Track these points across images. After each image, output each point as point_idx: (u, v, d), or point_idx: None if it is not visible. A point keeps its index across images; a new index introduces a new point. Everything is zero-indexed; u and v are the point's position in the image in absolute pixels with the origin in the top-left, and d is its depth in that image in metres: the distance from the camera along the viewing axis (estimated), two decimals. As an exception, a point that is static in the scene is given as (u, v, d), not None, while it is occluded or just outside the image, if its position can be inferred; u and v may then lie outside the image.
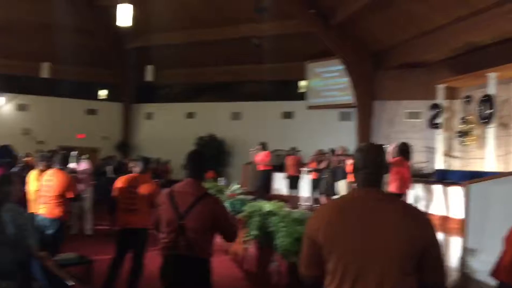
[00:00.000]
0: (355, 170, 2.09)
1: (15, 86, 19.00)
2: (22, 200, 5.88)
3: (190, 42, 17.04)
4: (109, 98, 20.51)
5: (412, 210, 2.00)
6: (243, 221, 6.66)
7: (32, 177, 6.53)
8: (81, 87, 19.86)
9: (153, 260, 3.46)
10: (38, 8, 15.86)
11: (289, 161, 12.29)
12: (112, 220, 9.40)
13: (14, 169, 6.59)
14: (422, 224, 1.91)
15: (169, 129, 19.02)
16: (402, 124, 13.82)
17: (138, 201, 5.19)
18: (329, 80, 16.00)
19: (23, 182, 6.25)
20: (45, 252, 4.30)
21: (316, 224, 2.00)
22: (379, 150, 2.15)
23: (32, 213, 5.75)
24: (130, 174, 5.57)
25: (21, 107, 19.13)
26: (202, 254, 3.19)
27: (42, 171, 6.23)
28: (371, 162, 2.05)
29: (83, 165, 9.85)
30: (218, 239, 8.56)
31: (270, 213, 5.55)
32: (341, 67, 14.74)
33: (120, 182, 5.46)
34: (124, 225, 5.28)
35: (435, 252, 1.90)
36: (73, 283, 3.41)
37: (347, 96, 15.03)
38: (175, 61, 18.42)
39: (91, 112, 19.97)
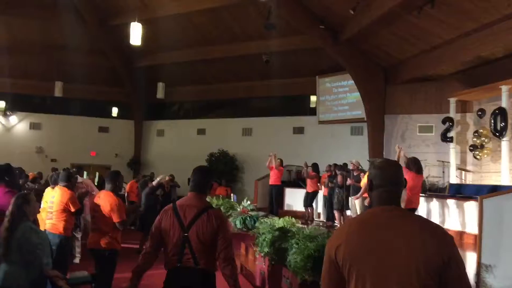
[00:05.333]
0: (371, 188, 2.04)
1: (28, 105, 19.35)
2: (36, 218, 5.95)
3: (199, 60, 17.20)
4: (121, 115, 20.70)
5: (431, 226, 1.93)
6: (254, 238, 6.62)
7: (45, 195, 6.63)
8: (93, 105, 20.14)
9: (156, 274, 3.44)
10: (51, 29, 16.18)
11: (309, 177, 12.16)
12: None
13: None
14: (440, 240, 1.84)
15: (180, 145, 19.10)
16: (414, 138, 13.73)
17: (101, 219, 5.02)
18: (340, 95, 15.99)
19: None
20: (57, 271, 4.31)
21: (335, 244, 1.96)
22: (396, 167, 2.10)
23: (45, 231, 5.80)
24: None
25: (34, 126, 19.38)
26: (207, 266, 3.21)
27: (52, 188, 6.34)
28: (389, 179, 2.01)
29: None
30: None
31: (282, 230, 5.50)
32: (351, 81, 14.74)
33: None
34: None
35: (457, 268, 1.82)
36: None
37: (358, 111, 15.00)
38: (185, 78, 18.60)
39: (103, 129, 20.16)
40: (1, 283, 4.13)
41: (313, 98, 16.94)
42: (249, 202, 10.09)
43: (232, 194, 13.54)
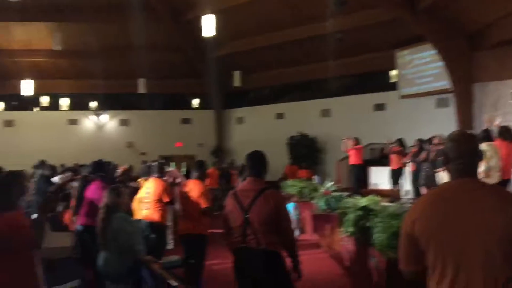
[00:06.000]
0: (448, 161, 2.05)
1: (117, 103, 20.62)
2: (130, 209, 6.37)
3: (272, 44, 17.16)
4: (201, 106, 21.38)
5: (508, 195, 1.92)
6: (339, 218, 6.58)
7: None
8: (175, 98, 21.09)
9: (227, 255, 3.74)
10: (131, 30, 16.96)
11: (392, 154, 11.81)
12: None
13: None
14: None
15: (260, 131, 19.30)
16: (508, 106, 12.75)
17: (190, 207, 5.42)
18: (422, 67, 15.22)
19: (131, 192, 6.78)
20: (151, 256, 4.60)
21: (411, 218, 1.98)
22: (472, 138, 2.12)
23: (139, 220, 6.18)
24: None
25: (123, 122, 20.63)
26: (269, 247, 3.39)
27: (146, 180, 6.74)
28: (465, 152, 2.01)
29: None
30: (314, 236, 8.51)
31: (365, 209, 5.42)
32: (433, 51, 13.95)
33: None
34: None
35: None
36: (176, 284, 3.62)
37: (443, 82, 14.19)
38: (260, 64, 18.69)
39: (186, 121, 20.93)
40: (102, 269, 4.50)
41: (393, 73, 16.31)
42: (331, 183, 10.03)
43: (314, 176, 13.52)
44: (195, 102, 21.53)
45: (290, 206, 9.24)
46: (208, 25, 12.10)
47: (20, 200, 3.84)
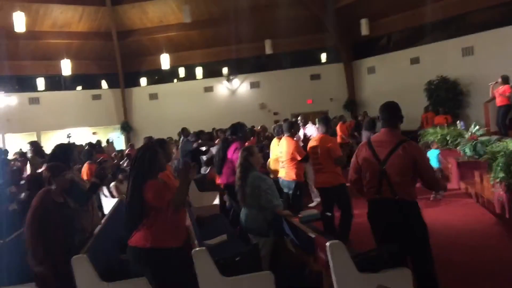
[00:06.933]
0: None
1: (246, 66, 21.20)
2: (263, 167, 6.61)
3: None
4: (329, 60, 20.96)
5: None
6: (487, 164, 6.07)
7: (272, 146, 7.33)
8: (302, 55, 20.92)
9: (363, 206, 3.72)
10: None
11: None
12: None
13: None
14: None
15: (393, 79, 18.35)
16: None
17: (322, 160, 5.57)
18: None
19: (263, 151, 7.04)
20: (289, 211, 4.75)
21: None
22: None
23: (275, 178, 6.40)
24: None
25: (254, 85, 21.19)
26: (405, 197, 3.34)
27: (279, 139, 6.92)
28: None
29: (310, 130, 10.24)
30: (460, 185, 7.99)
31: (517, 152, 4.89)
32: None
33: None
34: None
35: None
36: (314, 236, 3.69)
37: None
38: (388, 8, 17.50)
39: (315, 77, 20.70)
40: (244, 224, 4.78)
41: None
42: (477, 127, 9.28)
43: (458, 121, 12.56)
44: (323, 57, 21.19)
45: (434, 153, 8.70)
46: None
47: (166, 163, 4.20)
